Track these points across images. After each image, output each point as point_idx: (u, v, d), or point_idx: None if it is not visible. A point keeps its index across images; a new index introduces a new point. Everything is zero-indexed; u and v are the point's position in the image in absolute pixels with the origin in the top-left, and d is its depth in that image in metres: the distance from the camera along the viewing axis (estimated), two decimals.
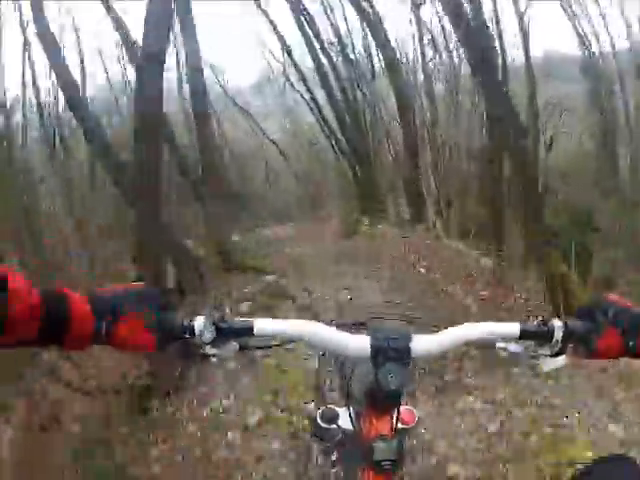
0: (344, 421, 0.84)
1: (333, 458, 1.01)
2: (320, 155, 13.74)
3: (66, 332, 0.58)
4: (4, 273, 0.52)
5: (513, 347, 0.76)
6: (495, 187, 6.50)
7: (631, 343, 0.70)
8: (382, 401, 0.75)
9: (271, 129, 15.05)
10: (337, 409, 0.87)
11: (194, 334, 0.66)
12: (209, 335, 0.66)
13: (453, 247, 6.70)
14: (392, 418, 0.76)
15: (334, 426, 0.86)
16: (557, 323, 0.73)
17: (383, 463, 0.72)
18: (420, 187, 8.41)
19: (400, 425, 0.80)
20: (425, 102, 8.80)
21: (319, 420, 0.86)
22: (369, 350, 0.70)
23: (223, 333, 0.68)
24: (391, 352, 0.70)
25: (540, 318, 0.76)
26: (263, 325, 0.70)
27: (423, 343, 0.72)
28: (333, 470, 1.03)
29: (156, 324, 0.64)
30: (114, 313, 0.62)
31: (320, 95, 11.56)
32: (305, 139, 14.32)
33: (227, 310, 2.51)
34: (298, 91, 12.97)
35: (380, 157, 10.96)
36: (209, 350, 0.68)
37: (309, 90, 12.08)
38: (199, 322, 0.66)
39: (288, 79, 13.40)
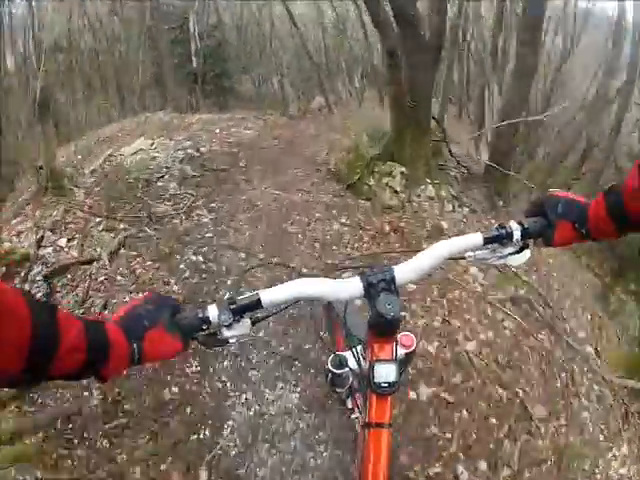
0: (352, 362, 0.91)
1: (349, 405, 1.05)
2: None
3: (107, 360, 0.60)
4: (53, 305, 0.55)
5: (480, 254, 0.85)
6: None
7: (583, 230, 0.77)
8: (383, 329, 0.81)
9: None
10: (344, 354, 0.91)
11: (210, 323, 0.72)
12: (225, 317, 0.72)
13: None
14: (392, 344, 0.82)
15: (345, 369, 0.89)
16: (514, 225, 0.82)
17: (383, 385, 0.78)
18: None
19: (401, 350, 0.86)
20: None
21: (330, 367, 0.89)
22: (362, 288, 0.78)
23: (236, 312, 0.73)
24: (381, 284, 0.78)
25: (497, 224, 0.84)
26: (268, 295, 0.75)
27: (405, 271, 0.81)
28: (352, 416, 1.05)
29: (176, 327, 0.69)
30: (140, 332, 0.66)
31: None
32: None
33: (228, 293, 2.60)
34: None
35: None
36: (227, 333, 0.73)
37: None
38: (213, 311, 0.72)
39: None
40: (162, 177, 4.10)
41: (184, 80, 10.70)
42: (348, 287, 0.79)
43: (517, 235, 0.81)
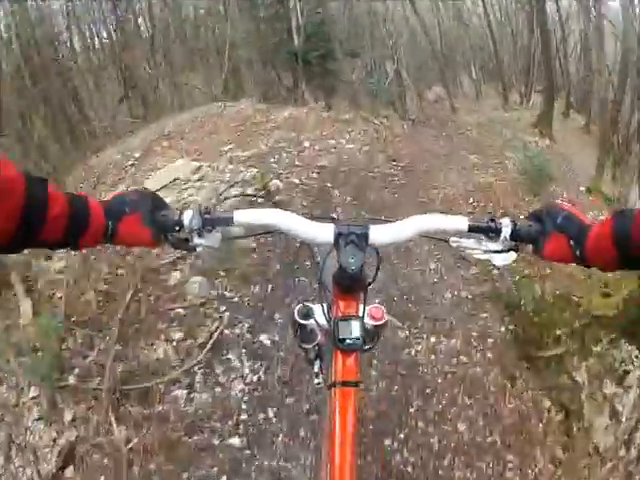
0: (319, 316, 0.87)
1: (315, 368, 0.97)
2: None
3: (85, 232, 0.67)
4: (45, 179, 0.62)
5: (465, 242, 0.81)
6: None
7: (578, 252, 0.71)
8: (347, 283, 0.81)
9: None
10: (312, 305, 0.89)
11: (184, 227, 0.75)
12: (195, 222, 0.75)
13: None
14: (356, 301, 0.82)
15: (311, 321, 0.87)
16: (505, 221, 0.78)
17: (347, 341, 0.78)
18: None
19: (370, 322, 0.85)
20: None
21: (297, 317, 0.87)
22: (332, 236, 0.78)
23: (207, 223, 0.77)
24: (351, 237, 0.77)
25: (489, 217, 0.80)
26: (242, 215, 0.78)
27: (380, 232, 0.79)
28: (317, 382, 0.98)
29: (151, 221, 0.74)
30: (118, 214, 0.72)
31: None
32: None
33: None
34: None
35: None
36: (197, 240, 0.77)
37: None
38: (187, 215, 0.75)
39: None
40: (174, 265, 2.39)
41: (283, 62, 9.56)
42: (319, 231, 0.79)
43: (506, 232, 0.77)
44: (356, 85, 9.64)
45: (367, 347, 0.86)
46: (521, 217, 0.82)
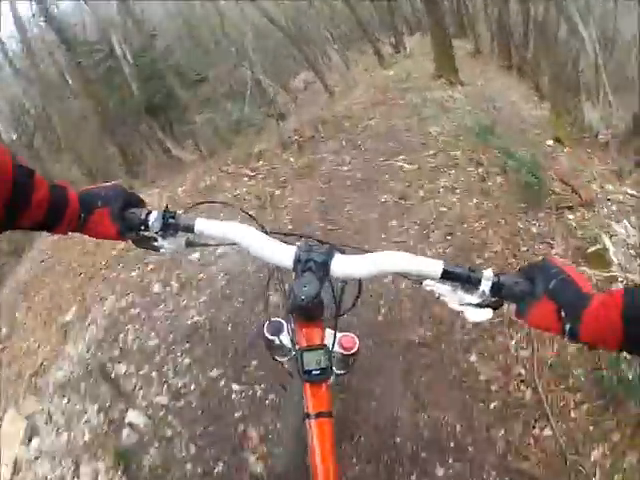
0: (286, 339, 0.84)
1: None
2: None
3: (62, 219, 0.73)
4: (32, 168, 0.66)
5: (440, 287, 0.71)
6: None
7: (569, 326, 0.60)
8: (303, 312, 0.79)
9: None
10: (282, 321, 0.86)
11: (149, 228, 0.77)
12: (157, 225, 0.76)
13: None
14: (319, 328, 0.80)
15: (282, 336, 0.84)
16: (487, 273, 0.68)
17: (314, 372, 0.76)
18: None
19: (341, 351, 0.84)
20: None
21: (265, 332, 0.85)
22: (291, 259, 0.74)
23: (170, 227, 0.78)
24: (310, 263, 0.73)
25: (469, 266, 0.71)
26: (203, 225, 0.77)
27: (343, 263, 0.74)
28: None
29: (118, 218, 0.76)
30: (90, 206, 0.76)
31: None
32: None
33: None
34: None
35: None
36: (160, 242, 0.79)
37: None
38: (153, 216, 0.77)
39: None
40: None
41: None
42: (279, 253, 0.75)
43: (485, 286, 0.67)
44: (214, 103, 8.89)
45: (340, 373, 0.86)
46: (510, 272, 0.70)
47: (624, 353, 0.72)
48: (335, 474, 0.74)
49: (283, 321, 0.85)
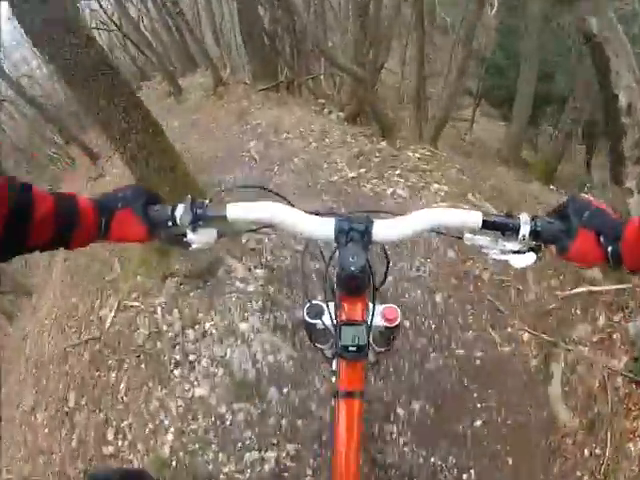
0: (327, 318, 0.81)
1: (334, 366, 0.91)
2: None
3: (75, 231, 0.66)
4: (29, 183, 0.61)
5: (480, 240, 0.72)
6: None
7: (610, 248, 0.62)
8: (349, 285, 0.74)
9: None
10: (322, 304, 0.83)
11: (177, 223, 0.71)
12: (187, 218, 0.70)
13: None
14: (361, 303, 0.77)
15: (323, 319, 0.81)
16: (524, 217, 0.69)
17: (350, 349, 0.73)
18: None
19: (383, 323, 0.81)
20: None
21: (306, 316, 0.83)
22: (332, 231, 0.72)
23: (200, 218, 0.72)
24: (353, 233, 0.71)
25: (506, 211, 0.71)
26: (235, 210, 0.73)
27: (384, 227, 0.72)
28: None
29: (144, 216, 0.71)
30: (110, 209, 0.70)
31: None
32: None
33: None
34: None
35: None
36: (190, 236, 0.73)
37: None
38: (179, 210, 0.71)
39: None
40: None
41: None
42: (319, 226, 0.73)
43: (525, 231, 0.68)
44: None
45: (380, 350, 0.85)
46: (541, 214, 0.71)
47: None
48: (356, 455, 0.71)
49: (322, 303, 0.82)
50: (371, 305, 0.79)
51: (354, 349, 0.74)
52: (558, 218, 0.68)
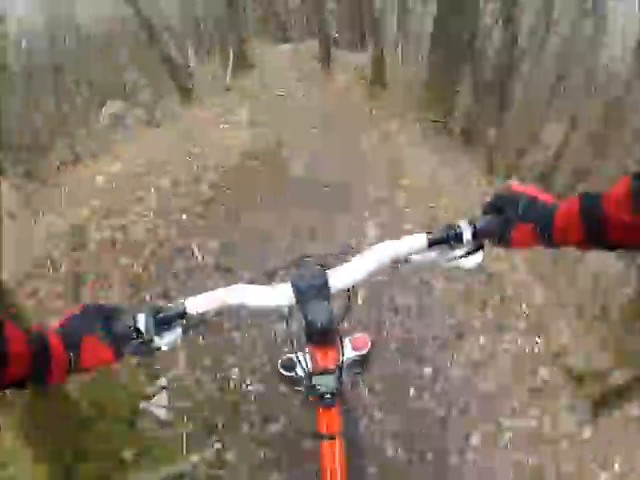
0: (299, 368, 0.85)
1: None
2: None
3: (49, 371, 0.64)
4: (2, 321, 0.58)
5: (427, 256, 0.76)
6: None
7: (546, 236, 0.68)
8: (319, 337, 0.77)
9: None
10: (294, 357, 0.86)
11: (141, 333, 0.70)
12: (151, 326, 0.70)
13: None
14: (333, 352, 0.80)
15: (293, 374, 0.86)
16: (463, 224, 0.74)
17: (326, 397, 0.77)
18: None
19: (354, 352, 0.86)
20: None
21: (280, 369, 0.87)
22: (292, 296, 0.73)
23: (163, 322, 0.72)
24: (312, 291, 0.73)
25: (445, 224, 0.76)
26: (194, 305, 0.73)
27: (339, 275, 0.75)
28: None
29: (110, 336, 0.69)
30: (75, 343, 0.67)
31: None
32: None
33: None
34: None
35: None
36: (157, 342, 0.72)
37: None
38: (141, 321, 0.70)
39: None
40: None
41: None
42: (277, 294, 0.74)
43: (467, 236, 0.74)
44: None
45: (356, 372, 0.90)
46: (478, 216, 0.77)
47: None
48: None
49: (294, 356, 0.85)
50: (341, 348, 0.82)
51: (329, 397, 0.77)
52: (494, 211, 0.74)
